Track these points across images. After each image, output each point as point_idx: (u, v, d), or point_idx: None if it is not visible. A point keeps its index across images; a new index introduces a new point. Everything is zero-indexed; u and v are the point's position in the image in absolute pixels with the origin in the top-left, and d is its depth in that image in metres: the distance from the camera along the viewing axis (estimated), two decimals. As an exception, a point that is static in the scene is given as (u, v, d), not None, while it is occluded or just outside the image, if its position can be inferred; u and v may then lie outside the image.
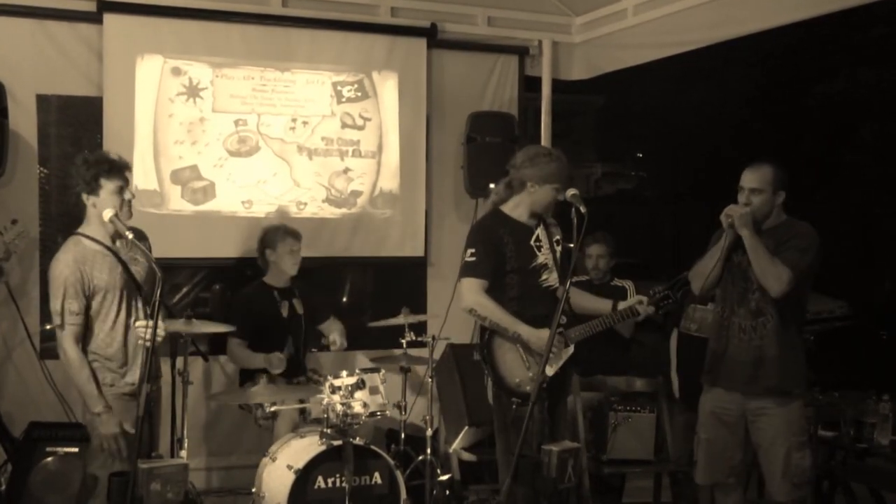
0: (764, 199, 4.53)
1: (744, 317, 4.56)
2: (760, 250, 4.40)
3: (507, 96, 7.22)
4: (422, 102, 6.87)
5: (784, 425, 4.48)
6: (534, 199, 4.58)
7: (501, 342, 4.48)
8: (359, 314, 6.73)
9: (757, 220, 4.51)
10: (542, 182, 4.53)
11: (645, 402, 5.72)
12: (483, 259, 4.48)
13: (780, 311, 4.48)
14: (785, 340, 4.50)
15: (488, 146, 6.80)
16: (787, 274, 4.36)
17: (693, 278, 4.72)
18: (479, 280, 4.48)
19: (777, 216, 4.60)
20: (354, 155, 6.69)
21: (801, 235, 4.51)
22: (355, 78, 6.69)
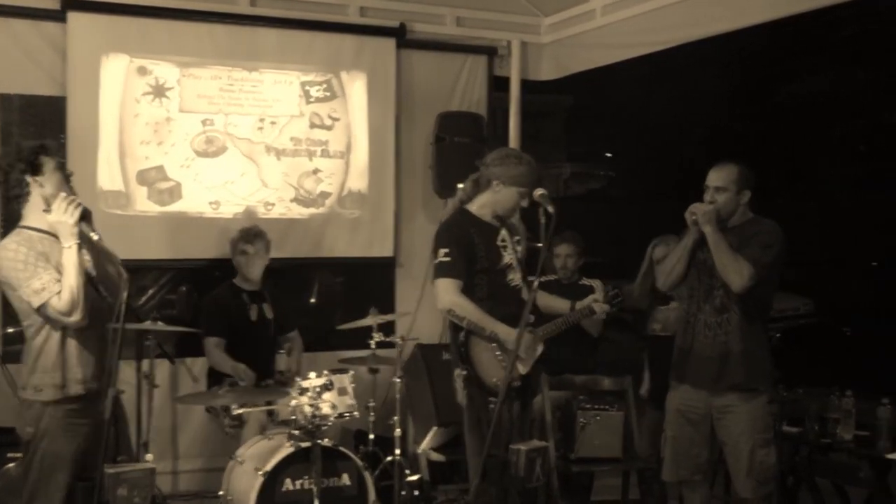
0: (728, 198, 4.57)
1: (709, 313, 4.60)
2: (722, 246, 4.44)
3: (475, 96, 7.24)
4: (390, 102, 6.86)
5: (749, 422, 4.52)
6: (497, 199, 4.58)
7: (478, 342, 4.48)
8: (328, 315, 6.71)
9: (721, 218, 4.55)
10: (507, 183, 4.53)
11: (613, 401, 5.74)
12: (457, 259, 4.47)
13: (745, 308, 4.51)
14: (749, 337, 4.53)
15: (457, 146, 6.80)
16: (748, 269, 4.39)
17: (658, 275, 4.78)
18: (454, 280, 4.47)
19: (742, 214, 4.64)
20: (323, 155, 6.67)
21: (765, 233, 4.55)
22: (324, 78, 6.67)
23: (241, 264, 5.92)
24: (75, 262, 3.88)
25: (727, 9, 5.76)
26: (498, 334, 4.44)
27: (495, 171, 4.57)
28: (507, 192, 4.55)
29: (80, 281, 3.89)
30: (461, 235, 4.53)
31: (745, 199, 4.62)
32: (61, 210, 3.88)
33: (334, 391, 5.14)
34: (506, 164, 4.56)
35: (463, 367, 4.49)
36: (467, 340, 4.48)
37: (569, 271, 6.25)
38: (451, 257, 4.47)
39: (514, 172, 4.53)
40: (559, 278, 6.25)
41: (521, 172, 4.53)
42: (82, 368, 4.00)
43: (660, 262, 5.51)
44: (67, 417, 3.97)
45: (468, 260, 4.49)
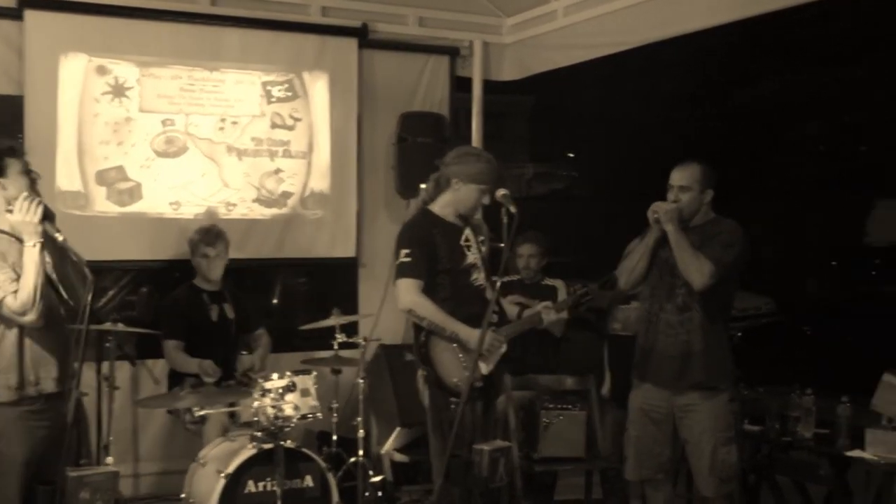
0: (691, 197, 4.61)
1: (671, 312, 4.63)
2: (684, 244, 4.48)
3: (438, 96, 7.24)
4: (352, 102, 6.85)
5: (711, 421, 4.56)
6: (458, 198, 4.58)
7: (438, 342, 4.48)
8: (290, 316, 6.69)
9: (684, 217, 4.58)
10: (467, 180, 4.53)
11: (576, 401, 5.76)
12: (418, 259, 4.47)
13: (706, 307, 4.54)
14: (711, 335, 4.57)
15: (419, 146, 6.81)
16: (709, 267, 4.43)
17: (620, 274, 4.80)
18: (415, 280, 4.47)
19: (705, 214, 4.67)
20: (285, 155, 6.65)
21: (727, 232, 4.59)
22: (285, 78, 6.65)
23: (201, 266, 5.89)
24: (36, 261, 3.84)
25: (689, 10, 5.80)
26: (458, 334, 4.44)
27: (454, 170, 4.58)
28: (467, 189, 4.55)
29: (40, 281, 3.84)
30: (423, 236, 4.53)
31: (708, 199, 4.66)
32: (24, 210, 3.83)
33: (297, 392, 5.11)
34: (464, 162, 4.57)
35: (423, 367, 4.50)
36: (427, 341, 4.48)
37: (531, 271, 6.26)
38: (413, 258, 4.47)
39: (472, 170, 4.54)
40: (522, 278, 6.27)
41: (479, 170, 4.54)
42: (39, 370, 3.94)
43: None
44: (23, 420, 3.91)
45: (430, 260, 4.49)
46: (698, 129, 18.48)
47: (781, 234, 17.75)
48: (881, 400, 4.79)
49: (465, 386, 4.16)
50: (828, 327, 13.45)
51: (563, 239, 16.36)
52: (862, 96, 17.58)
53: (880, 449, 4.70)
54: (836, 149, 18.95)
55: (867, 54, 16.74)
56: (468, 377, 4.19)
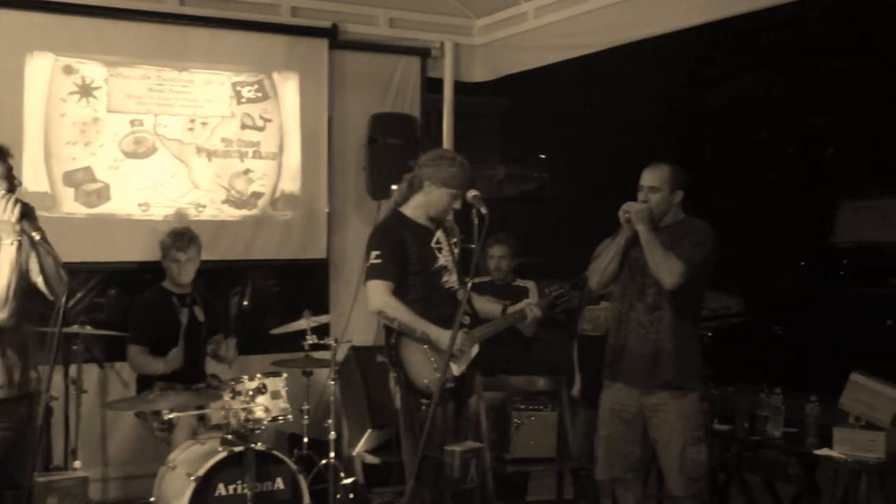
0: (661, 197, 4.64)
1: (641, 311, 4.65)
2: (654, 244, 4.50)
3: (409, 98, 7.23)
4: (323, 103, 6.83)
5: (680, 420, 4.58)
6: (429, 201, 4.57)
7: (409, 343, 4.48)
8: (260, 317, 6.66)
9: (654, 217, 4.61)
10: (438, 184, 4.53)
11: (547, 401, 5.78)
12: (388, 261, 4.47)
13: (676, 306, 4.57)
14: (681, 335, 4.59)
15: (390, 148, 6.80)
16: (679, 267, 4.46)
17: (591, 274, 4.82)
18: (385, 282, 4.46)
19: (675, 214, 4.71)
20: (255, 156, 6.62)
21: (697, 232, 4.63)
22: (255, 78, 6.62)
23: (172, 270, 5.84)
24: (11, 259, 3.81)
25: (659, 12, 5.83)
26: (429, 335, 4.43)
27: (427, 172, 4.57)
28: (439, 193, 4.55)
29: (13, 279, 3.82)
30: (393, 238, 4.52)
31: (678, 199, 4.69)
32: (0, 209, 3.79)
33: (267, 394, 5.10)
34: (437, 165, 4.56)
35: (394, 369, 4.49)
36: (398, 342, 4.47)
37: (502, 272, 6.28)
38: (383, 259, 4.46)
39: (444, 174, 4.53)
40: (493, 279, 6.28)
41: (452, 174, 4.53)
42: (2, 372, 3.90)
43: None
44: None
45: (400, 262, 4.49)
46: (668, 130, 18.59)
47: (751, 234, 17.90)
48: (849, 399, 4.83)
49: (436, 387, 4.16)
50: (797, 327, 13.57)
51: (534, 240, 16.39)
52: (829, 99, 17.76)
53: (848, 447, 4.75)
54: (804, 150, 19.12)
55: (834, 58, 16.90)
56: (439, 378, 4.19)
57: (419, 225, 4.60)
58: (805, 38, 16.63)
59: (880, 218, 17.34)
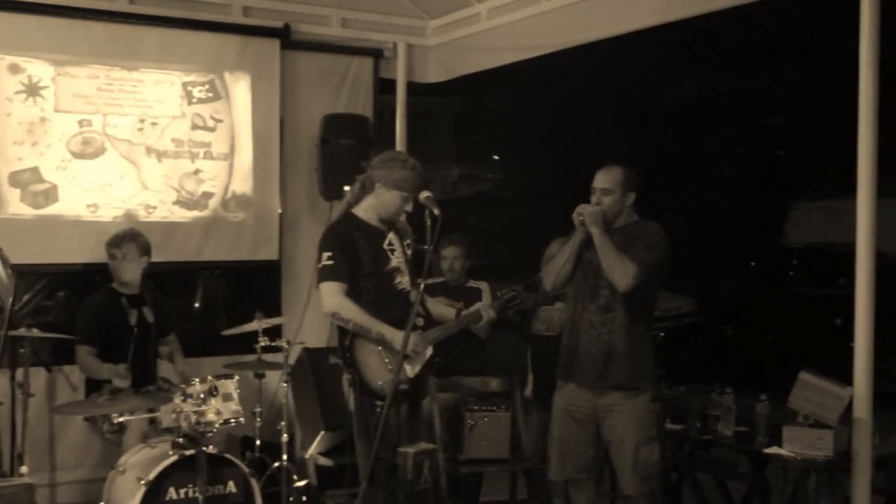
0: (614, 200, 4.69)
1: (594, 312, 4.69)
2: (608, 246, 4.55)
3: (361, 98, 7.23)
4: (275, 104, 6.81)
5: (633, 421, 4.62)
6: (380, 203, 4.59)
7: (363, 344, 4.48)
8: (212, 320, 6.63)
9: (608, 219, 4.66)
10: (389, 186, 4.54)
11: (500, 402, 5.81)
12: (340, 262, 4.47)
13: (629, 307, 4.62)
14: (633, 336, 4.64)
15: (343, 148, 6.79)
16: (633, 269, 4.50)
17: (545, 276, 4.86)
18: (339, 283, 4.47)
19: (628, 216, 4.76)
20: (206, 157, 6.58)
21: (649, 234, 4.68)
22: (206, 78, 6.59)
23: (112, 268, 5.80)
24: None
25: (613, 13, 5.87)
26: (384, 335, 4.44)
27: (379, 174, 4.58)
28: (389, 195, 4.56)
29: None
30: (345, 239, 4.53)
31: (630, 201, 4.74)
32: None
33: (219, 397, 5.08)
34: (389, 168, 4.57)
35: (348, 370, 4.49)
36: (352, 344, 4.48)
37: (456, 273, 6.29)
38: (335, 260, 4.47)
39: (396, 176, 4.54)
40: (446, 280, 6.29)
41: (403, 177, 4.54)
42: None
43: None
44: None
45: (352, 263, 4.49)
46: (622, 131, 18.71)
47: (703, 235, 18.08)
48: (797, 398, 4.90)
49: (389, 388, 4.17)
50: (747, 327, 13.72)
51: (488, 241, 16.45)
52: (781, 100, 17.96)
53: (796, 445, 4.82)
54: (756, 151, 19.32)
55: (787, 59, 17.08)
56: (393, 379, 4.20)
57: (371, 226, 4.61)
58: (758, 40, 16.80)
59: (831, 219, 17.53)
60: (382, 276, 4.57)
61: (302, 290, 6.60)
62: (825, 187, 17.31)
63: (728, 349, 12.53)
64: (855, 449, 4.69)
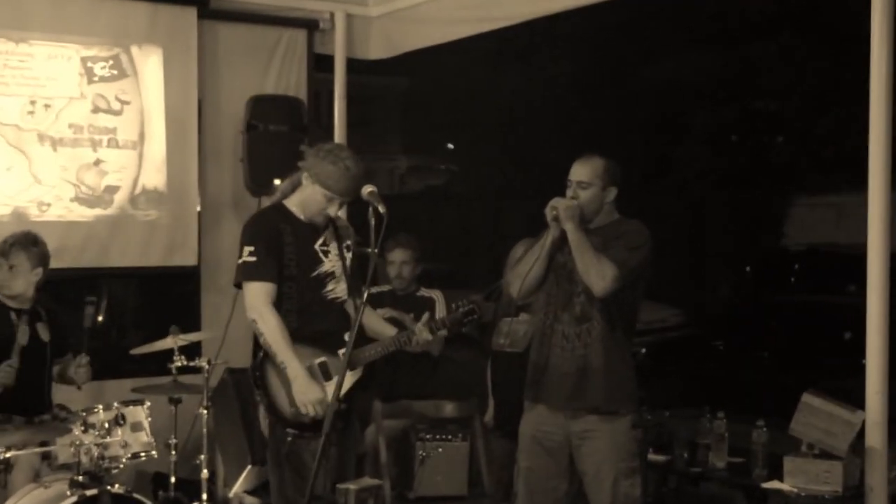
0: (593, 194, 4.69)
1: (568, 323, 4.69)
2: (584, 245, 4.54)
3: (294, 78, 7.22)
4: (192, 83, 6.78)
5: (611, 449, 4.62)
6: (304, 197, 4.56)
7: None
8: (119, 335, 6.58)
9: (585, 216, 4.66)
10: (313, 180, 4.51)
11: (456, 430, 5.81)
12: (264, 257, 4.44)
13: (608, 317, 4.62)
14: (612, 350, 4.64)
15: (272, 135, 6.77)
16: (612, 271, 4.50)
17: (511, 281, 4.84)
18: (266, 283, 4.43)
19: (608, 214, 4.76)
20: (110, 145, 6.53)
21: (632, 233, 4.69)
22: (110, 53, 6.53)
23: None
24: None
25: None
26: (287, 369, 4.39)
27: (306, 164, 4.55)
28: (312, 190, 4.52)
29: None
30: (270, 231, 4.50)
31: (611, 197, 4.73)
32: None
33: (126, 426, 5.05)
34: (318, 158, 4.52)
35: (258, 391, 4.47)
36: (264, 361, 4.46)
37: (404, 281, 6.28)
38: (259, 256, 4.44)
39: (322, 170, 4.50)
40: (393, 289, 6.28)
41: (329, 173, 4.49)
42: None
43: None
44: None
45: (278, 260, 4.46)
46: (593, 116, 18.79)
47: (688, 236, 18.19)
48: (801, 424, 4.93)
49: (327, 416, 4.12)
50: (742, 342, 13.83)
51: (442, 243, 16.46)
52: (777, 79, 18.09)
53: (800, 479, 4.86)
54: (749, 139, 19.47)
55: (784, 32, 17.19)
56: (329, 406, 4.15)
57: (302, 222, 4.58)
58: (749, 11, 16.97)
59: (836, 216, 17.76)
60: (310, 281, 4.53)
61: (225, 300, 6.55)
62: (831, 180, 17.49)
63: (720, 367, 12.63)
64: (868, 484, 4.73)
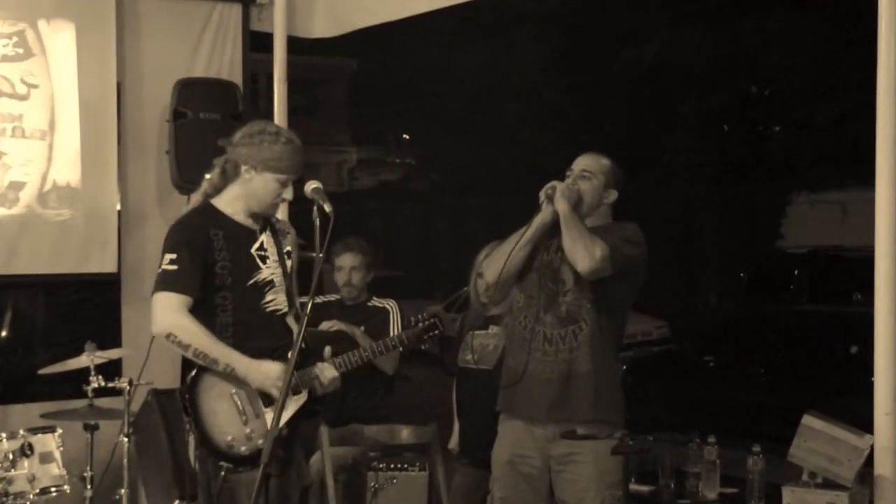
0: (593, 188, 4.82)
1: (551, 325, 4.73)
2: (576, 222, 4.60)
3: (227, 59, 7.21)
4: (110, 64, 6.74)
5: (595, 475, 4.64)
6: (249, 191, 4.54)
7: (212, 383, 4.43)
8: (26, 352, 6.54)
9: (581, 210, 4.72)
10: (261, 168, 4.50)
11: (413, 458, 5.80)
12: (187, 267, 4.42)
13: (598, 319, 4.67)
14: (600, 356, 4.69)
15: (203, 124, 6.73)
16: (601, 250, 4.54)
17: (487, 266, 4.90)
18: (179, 295, 4.41)
19: (603, 216, 4.88)
20: (15, 135, 6.49)
21: (628, 230, 4.83)
22: (14, 28, 6.49)
23: None
24: None
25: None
26: (234, 368, 4.39)
27: (243, 153, 4.53)
28: (261, 180, 4.51)
29: None
30: (196, 237, 4.48)
31: (611, 199, 4.89)
32: None
33: (34, 457, 5.02)
34: (256, 143, 4.52)
35: (187, 417, 4.43)
36: (197, 381, 4.42)
37: (354, 289, 6.29)
38: (179, 264, 4.42)
39: (266, 154, 4.50)
40: (342, 298, 6.29)
41: (276, 153, 4.50)
42: None
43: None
44: None
45: (205, 272, 4.44)
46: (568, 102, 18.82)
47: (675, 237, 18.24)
48: (801, 449, 4.96)
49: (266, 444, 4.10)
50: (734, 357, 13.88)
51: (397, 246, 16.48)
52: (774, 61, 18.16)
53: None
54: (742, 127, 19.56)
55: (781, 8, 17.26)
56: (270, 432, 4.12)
57: (236, 223, 4.57)
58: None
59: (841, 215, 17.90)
60: (246, 290, 4.52)
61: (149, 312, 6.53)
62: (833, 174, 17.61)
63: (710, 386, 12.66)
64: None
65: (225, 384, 4.43)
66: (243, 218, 4.59)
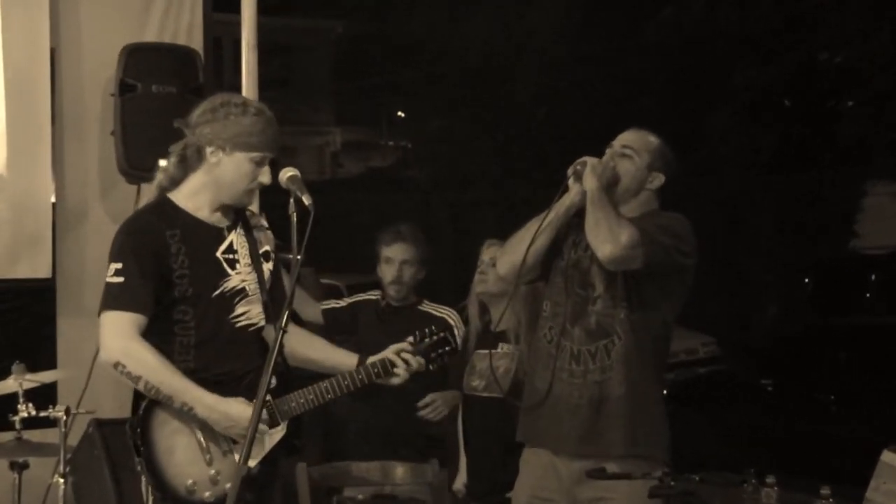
0: (635, 167, 4.82)
1: (579, 339, 4.72)
2: (603, 202, 4.57)
3: (184, 21, 7.22)
4: (42, 28, 6.74)
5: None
6: (218, 178, 4.50)
7: (167, 419, 4.41)
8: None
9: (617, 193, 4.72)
10: (230, 147, 4.45)
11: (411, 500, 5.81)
12: (136, 280, 4.38)
13: (634, 332, 4.64)
14: (638, 376, 4.67)
15: (156, 99, 6.73)
16: (628, 236, 4.50)
17: (501, 257, 4.95)
18: (128, 314, 4.38)
19: (646, 203, 4.89)
20: (-72, 113, 6.51)
21: (671, 219, 4.83)
22: (-73, -12, 6.52)
23: None
24: None
25: None
26: (195, 409, 4.37)
27: (206, 133, 4.47)
28: (231, 162, 4.46)
29: None
30: (147, 240, 4.44)
31: (656, 184, 4.88)
32: None
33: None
34: (220, 119, 4.46)
35: (139, 457, 4.41)
36: (149, 415, 4.39)
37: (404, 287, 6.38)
38: (127, 276, 4.37)
39: (234, 129, 4.44)
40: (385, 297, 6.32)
41: (247, 127, 4.45)
42: None
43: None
44: None
45: (159, 281, 4.41)
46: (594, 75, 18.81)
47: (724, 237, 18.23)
48: (880, 492, 4.96)
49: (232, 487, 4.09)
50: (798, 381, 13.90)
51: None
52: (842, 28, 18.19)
53: (880, 565, 4.88)
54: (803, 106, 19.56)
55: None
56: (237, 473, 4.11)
57: (199, 222, 4.54)
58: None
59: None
60: (211, 303, 4.49)
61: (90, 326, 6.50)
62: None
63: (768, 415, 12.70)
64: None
65: (182, 420, 4.41)
66: (208, 214, 4.54)
